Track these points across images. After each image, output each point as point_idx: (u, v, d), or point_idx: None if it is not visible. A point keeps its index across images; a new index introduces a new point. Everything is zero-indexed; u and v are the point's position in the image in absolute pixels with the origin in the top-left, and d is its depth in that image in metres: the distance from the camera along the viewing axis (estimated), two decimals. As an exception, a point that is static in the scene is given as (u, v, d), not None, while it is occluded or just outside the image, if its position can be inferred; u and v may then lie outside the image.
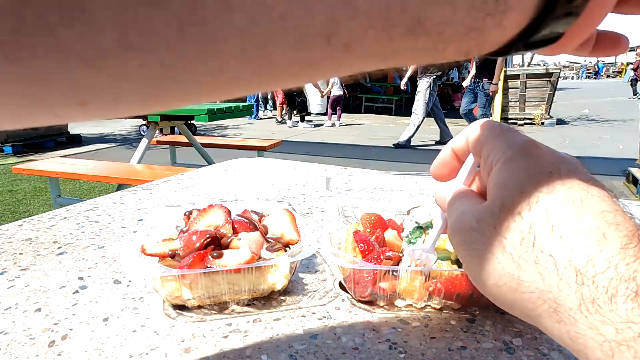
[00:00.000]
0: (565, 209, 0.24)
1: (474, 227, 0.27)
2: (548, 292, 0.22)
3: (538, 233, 0.23)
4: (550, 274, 0.22)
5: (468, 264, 0.28)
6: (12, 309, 0.46)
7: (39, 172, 2.85)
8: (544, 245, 0.23)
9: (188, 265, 0.43)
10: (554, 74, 8.30)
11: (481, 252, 0.26)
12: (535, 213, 0.24)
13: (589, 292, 0.21)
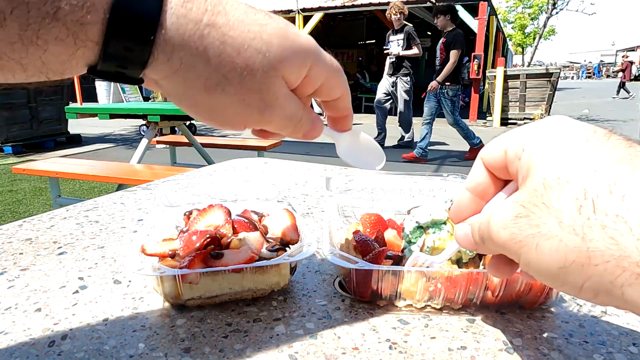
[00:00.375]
0: (617, 168, 0.22)
1: (520, 213, 0.25)
2: (627, 257, 0.20)
3: (596, 197, 0.22)
4: (623, 236, 0.20)
5: (526, 257, 0.25)
6: (12, 309, 0.46)
7: (39, 172, 2.85)
8: (607, 208, 0.21)
9: (188, 265, 0.43)
10: (554, 74, 8.30)
11: (537, 236, 0.24)
12: (585, 177, 0.22)
13: None
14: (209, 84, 0.27)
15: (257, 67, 0.27)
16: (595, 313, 0.46)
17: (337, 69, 0.33)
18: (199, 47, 0.26)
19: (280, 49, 0.28)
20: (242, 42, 0.27)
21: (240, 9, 0.27)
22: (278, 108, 0.30)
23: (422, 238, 0.50)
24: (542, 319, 0.45)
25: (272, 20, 0.29)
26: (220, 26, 0.26)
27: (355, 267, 0.43)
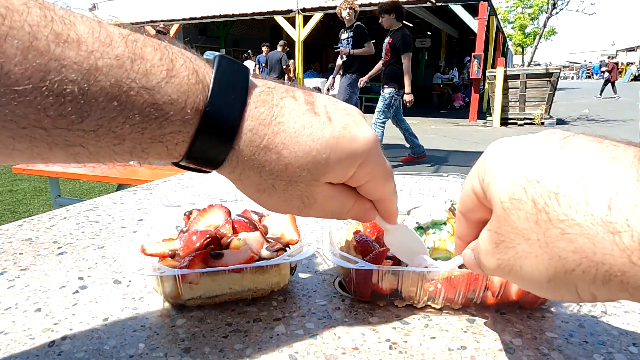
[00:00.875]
0: (553, 169, 0.23)
1: (497, 240, 0.27)
2: (591, 256, 0.21)
3: (545, 205, 0.23)
4: (581, 237, 0.21)
5: (518, 278, 0.26)
6: (12, 309, 0.46)
7: (39, 172, 2.85)
8: (559, 214, 0.22)
9: (188, 265, 0.43)
10: (554, 74, 8.30)
11: (517, 258, 0.25)
12: (532, 190, 0.24)
13: (630, 237, 0.20)
14: (260, 189, 0.32)
15: (300, 180, 0.31)
16: (595, 313, 0.46)
17: (384, 174, 0.35)
18: (255, 164, 0.30)
19: (325, 164, 0.31)
20: (291, 160, 0.30)
21: (299, 123, 0.31)
22: (316, 208, 0.34)
23: (423, 239, 0.50)
24: (542, 319, 0.45)
25: (328, 128, 0.31)
26: (275, 146, 0.30)
27: (355, 267, 0.43)
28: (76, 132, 0.25)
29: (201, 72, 0.28)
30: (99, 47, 0.24)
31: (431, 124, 9.28)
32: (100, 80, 0.24)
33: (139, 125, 0.26)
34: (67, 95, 0.23)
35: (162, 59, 0.27)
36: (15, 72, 0.22)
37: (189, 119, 0.27)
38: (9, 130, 0.23)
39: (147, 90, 0.26)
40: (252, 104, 0.30)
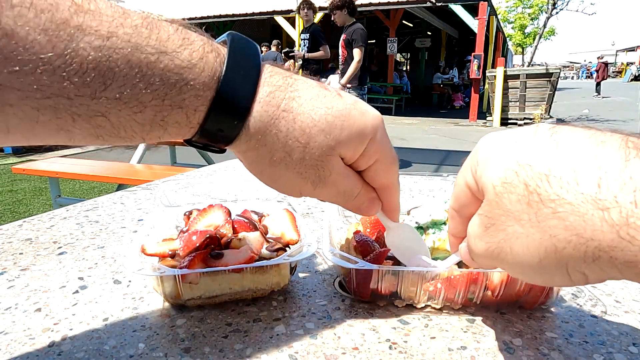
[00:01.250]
0: (544, 153, 0.24)
1: (487, 223, 0.27)
2: (582, 231, 0.22)
3: (537, 187, 0.24)
4: (572, 215, 0.22)
5: (508, 261, 0.27)
6: (12, 309, 0.46)
7: (39, 172, 2.85)
8: (550, 194, 0.23)
9: (188, 265, 0.43)
10: (554, 74, 8.30)
11: (507, 240, 0.26)
12: (524, 174, 0.25)
13: (618, 213, 0.21)
14: (275, 159, 0.31)
15: (317, 147, 0.31)
16: (596, 313, 0.46)
17: (391, 156, 0.35)
18: (272, 129, 0.30)
19: (340, 130, 0.31)
20: (309, 123, 0.31)
21: (313, 92, 0.31)
22: (331, 183, 0.33)
23: (422, 239, 0.50)
24: (542, 319, 0.45)
25: (340, 100, 0.32)
26: (292, 110, 0.30)
27: (355, 267, 0.43)
28: (99, 99, 0.25)
29: (215, 44, 0.29)
30: (117, 17, 0.25)
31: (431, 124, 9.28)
32: (121, 47, 0.25)
33: (159, 91, 0.27)
34: (90, 63, 0.24)
35: (177, 31, 0.28)
36: (40, 41, 0.22)
37: (207, 82, 0.28)
38: (33, 99, 0.24)
39: (166, 55, 0.26)
40: (267, 72, 0.31)
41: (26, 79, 0.23)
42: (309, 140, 0.31)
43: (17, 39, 0.22)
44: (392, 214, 0.39)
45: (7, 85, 0.23)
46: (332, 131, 0.31)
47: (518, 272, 0.28)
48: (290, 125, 0.30)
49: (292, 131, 0.30)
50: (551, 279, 0.26)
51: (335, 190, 0.34)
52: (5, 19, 0.21)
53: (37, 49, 0.23)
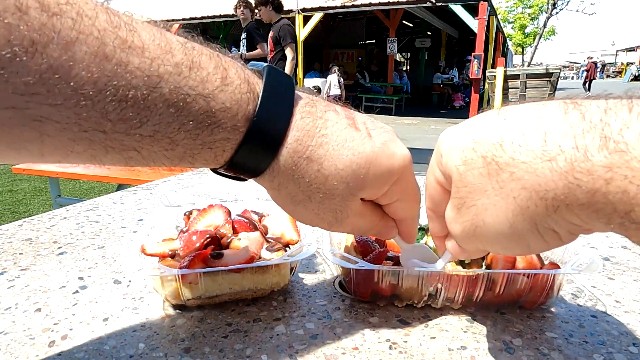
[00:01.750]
0: (495, 126, 0.27)
1: (458, 204, 0.29)
2: (537, 186, 0.24)
3: (494, 156, 0.26)
4: (527, 173, 0.24)
5: (483, 235, 0.28)
6: (12, 309, 0.46)
7: (39, 172, 2.85)
8: (506, 159, 0.25)
9: (188, 265, 0.43)
10: (554, 74, 8.29)
11: (478, 214, 0.28)
12: (479, 148, 0.27)
13: (564, 160, 0.22)
14: (295, 200, 0.32)
15: (338, 193, 0.32)
16: (595, 313, 0.46)
17: (414, 195, 0.35)
18: (295, 175, 0.30)
19: (364, 178, 0.31)
20: (332, 172, 0.31)
21: (342, 136, 0.31)
22: (346, 224, 0.34)
23: (424, 240, 0.50)
24: (542, 319, 0.45)
25: (369, 143, 0.32)
26: (318, 158, 0.30)
27: (355, 267, 0.43)
28: (134, 136, 0.25)
29: (252, 82, 0.29)
30: (160, 54, 0.25)
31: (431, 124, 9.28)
32: (161, 86, 0.25)
33: (192, 132, 0.27)
34: (129, 100, 0.24)
35: (217, 68, 0.27)
36: (83, 76, 0.22)
37: (240, 126, 0.28)
38: (70, 132, 0.24)
39: (203, 97, 0.26)
40: (298, 114, 0.30)
41: (66, 113, 0.23)
42: (330, 189, 0.31)
43: (61, 73, 0.22)
44: (407, 239, 0.39)
45: (47, 117, 0.23)
46: (355, 180, 0.31)
47: (496, 245, 0.29)
48: (313, 173, 0.30)
49: (315, 179, 0.31)
50: (527, 245, 0.27)
51: (350, 228, 0.35)
52: (51, 51, 0.21)
53: (80, 85, 0.22)
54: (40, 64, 0.21)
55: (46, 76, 0.21)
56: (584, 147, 0.22)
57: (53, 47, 0.21)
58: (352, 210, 0.33)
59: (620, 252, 0.64)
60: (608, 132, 0.21)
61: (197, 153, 0.28)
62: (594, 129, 0.22)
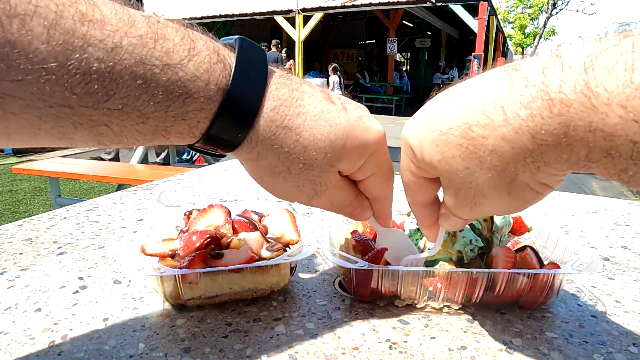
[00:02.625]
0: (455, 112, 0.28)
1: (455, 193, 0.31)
2: (500, 146, 0.26)
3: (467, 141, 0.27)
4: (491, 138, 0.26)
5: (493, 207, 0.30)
6: (12, 309, 0.46)
7: (39, 172, 2.86)
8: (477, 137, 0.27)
9: (188, 265, 0.43)
10: (554, 74, 8.27)
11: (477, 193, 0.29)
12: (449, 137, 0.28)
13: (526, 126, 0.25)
14: (274, 172, 0.32)
15: (317, 164, 0.32)
16: (595, 313, 0.46)
17: (388, 170, 0.36)
18: (274, 144, 0.30)
19: (342, 149, 0.32)
20: (311, 142, 0.31)
21: (318, 108, 0.31)
22: (325, 197, 0.34)
23: (423, 240, 0.50)
24: (542, 319, 0.45)
25: (345, 116, 0.32)
26: (296, 127, 0.30)
27: (355, 267, 0.43)
28: (102, 110, 0.25)
29: (222, 53, 0.29)
30: (122, 26, 0.25)
31: (431, 124, 9.26)
32: (125, 58, 0.24)
33: (163, 103, 0.26)
34: (93, 74, 0.24)
35: (183, 39, 0.27)
36: (42, 50, 0.22)
37: (212, 95, 0.28)
38: (36, 109, 0.24)
39: (171, 68, 0.26)
40: (273, 85, 0.30)
41: (29, 89, 0.23)
42: (309, 159, 0.31)
43: (19, 47, 0.21)
44: (382, 221, 0.40)
45: (9, 94, 0.22)
46: (333, 150, 0.32)
47: (504, 210, 0.31)
48: (292, 143, 0.30)
49: (294, 149, 0.31)
50: (524, 199, 0.29)
51: (328, 202, 0.35)
52: (8, 27, 0.21)
53: (40, 59, 0.22)
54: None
55: (4, 51, 0.21)
56: (538, 110, 0.24)
57: (9, 21, 0.21)
58: (330, 182, 0.33)
59: (620, 252, 0.64)
60: (551, 94, 0.23)
61: (170, 126, 0.28)
62: (539, 92, 0.24)
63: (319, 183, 0.33)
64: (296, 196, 0.34)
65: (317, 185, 0.33)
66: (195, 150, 0.32)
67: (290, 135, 0.30)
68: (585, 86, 0.22)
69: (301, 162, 0.31)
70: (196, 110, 0.28)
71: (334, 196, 0.35)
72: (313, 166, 0.32)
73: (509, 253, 0.46)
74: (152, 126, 0.27)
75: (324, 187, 0.33)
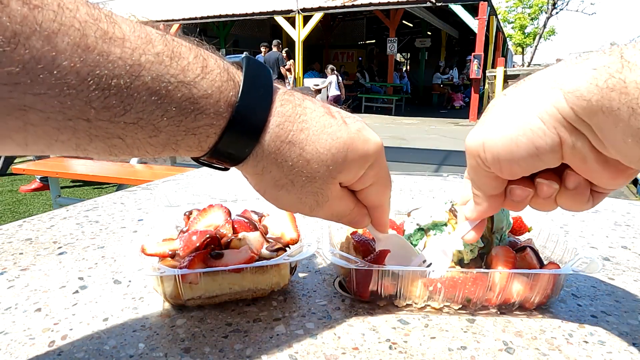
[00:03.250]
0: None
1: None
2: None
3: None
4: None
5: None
6: (12, 309, 0.46)
7: (39, 172, 2.86)
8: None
9: (188, 265, 0.43)
10: (554, 74, 8.27)
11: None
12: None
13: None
14: (278, 184, 0.33)
15: (319, 177, 0.33)
16: (595, 313, 0.46)
17: (386, 179, 0.38)
18: (278, 159, 0.32)
19: (343, 161, 0.33)
20: (313, 155, 0.32)
21: (320, 123, 0.33)
22: (326, 208, 0.36)
23: (423, 240, 0.51)
24: (542, 319, 0.45)
25: (345, 130, 0.34)
26: (299, 142, 0.32)
27: (355, 267, 0.43)
28: (118, 124, 0.26)
29: (231, 71, 0.30)
30: (141, 44, 0.26)
31: (431, 124, 9.28)
32: (143, 75, 0.26)
33: (175, 118, 0.28)
34: (112, 89, 0.25)
35: (196, 57, 0.28)
36: (65, 66, 0.23)
37: (222, 112, 0.29)
38: (55, 121, 0.24)
39: (185, 85, 0.27)
40: (278, 101, 0.32)
41: (50, 102, 0.23)
42: (312, 172, 0.33)
43: (43, 63, 0.22)
44: (380, 229, 0.42)
45: (31, 107, 0.23)
46: (335, 163, 0.33)
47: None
48: (295, 157, 0.32)
49: (297, 162, 0.32)
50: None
51: (329, 212, 0.37)
52: (34, 43, 0.22)
53: (63, 74, 0.23)
54: (23, 55, 0.22)
55: (29, 66, 0.22)
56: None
57: (35, 38, 0.22)
58: (331, 193, 0.35)
59: (620, 252, 0.64)
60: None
61: (181, 139, 0.29)
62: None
63: (321, 194, 0.34)
64: (298, 207, 0.35)
65: (319, 197, 0.34)
66: (200, 163, 0.33)
67: (294, 149, 0.32)
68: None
69: (304, 175, 0.33)
70: (206, 125, 0.29)
71: (335, 206, 0.36)
72: (315, 178, 0.33)
73: (509, 253, 0.46)
74: (163, 139, 0.28)
75: (326, 198, 0.35)
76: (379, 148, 0.35)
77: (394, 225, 0.55)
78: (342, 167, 0.33)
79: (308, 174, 0.33)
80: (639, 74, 0.25)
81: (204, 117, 0.29)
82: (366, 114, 11.34)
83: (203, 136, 0.29)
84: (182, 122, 0.28)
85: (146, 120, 0.27)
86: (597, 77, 0.26)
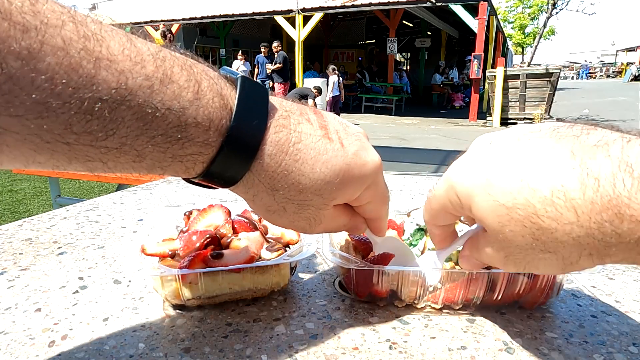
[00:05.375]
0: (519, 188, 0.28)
1: (505, 256, 0.31)
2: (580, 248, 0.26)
3: (532, 225, 0.27)
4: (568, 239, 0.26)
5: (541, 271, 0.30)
6: (12, 309, 0.46)
7: (39, 172, 2.85)
8: (545, 227, 0.27)
9: (188, 265, 0.43)
10: (554, 74, 8.29)
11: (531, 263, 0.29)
12: (515, 215, 0.28)
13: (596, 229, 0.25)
14: (270, 209, 0.33)
15: (312, 205, 0.33)
16: (595, 313, 0.46)
17: (384, 197, 0.37)
18: (270, 187, 0.31)
19: (337, 189, 0.32)
20: (306, 186, 0.31)
21: (316, 149, 0.31)
22: (320, 227, 0.35)
23: (423, 240, 0.50)
24: (542, 319, 0.45)
25: (341, 154, 0.32)
26: (292, 172, 0.31)
27: (355, 267, 0.43)
28: (99, 148, 0.25)
29: (225, 95, 0.28)
30: (129, 66, 0.24)
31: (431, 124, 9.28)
32: (129, 100, 0.24)
33: (162, 145, 0.26)
34: (95, 113, 0.23)
35: (188, 80, 0.27)
36: (45, 88, 0.21)
37: (212, 141, 0.28)
38: (32, 143, 0.23)
39: (173, 112, 0.26)
40: (272, 128, 0.30)
41: (27, 124, 0.22)
42: (305, 200, 0.32)
43: (21, 84, 0.21)
44: (378, 234, 0.41)
45: (7, 129, 0.22)
46: (329, 192, 0.32)
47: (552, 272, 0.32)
48: (288, 186, 0.31)
49: (289, 192, 0.31)
50: (574, 270, 0.29)
51: (324, 230, 0.36)
52: (11, 62, 0.20)
53: (42, 97, 0.21)
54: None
55: (6, 87, 0.20)
56: (609, 219, 0.24)
57: (13, 57, 0.20)
58: (324, 216, 0.34)
59: (620, 252, 0.64)
60: (621, 208, 0.24)
61: (167, 165, 0.28)
62: (610, 202, 0.24)
63: (314, 219, 0.34)
64: (292, 228, 0.35)
65: (311, 221, 0.34)
66: (192, 183, 0.32)
67: (286, 179, 0.31)
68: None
69: (296, 202, 0.32)
70: (195, 154, 0.28)
71: (329, 225, 0.36)
72: (309, 206, 0.33)
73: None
74: (148, 164, 0.27)
75: (319, 222, 0.34)
76: (376, 169, 0.34)
77: (394, 225, 0.55)
78: (336, 195, 0.33)
79: (300, 202, 0.32)
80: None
81: (192, 145, 0.27)
82: (366, 114, 11.34)
83: (190, 163, 0.28)
84: (169, 149, 0.26)
85: (130, 146, 0.25)
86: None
